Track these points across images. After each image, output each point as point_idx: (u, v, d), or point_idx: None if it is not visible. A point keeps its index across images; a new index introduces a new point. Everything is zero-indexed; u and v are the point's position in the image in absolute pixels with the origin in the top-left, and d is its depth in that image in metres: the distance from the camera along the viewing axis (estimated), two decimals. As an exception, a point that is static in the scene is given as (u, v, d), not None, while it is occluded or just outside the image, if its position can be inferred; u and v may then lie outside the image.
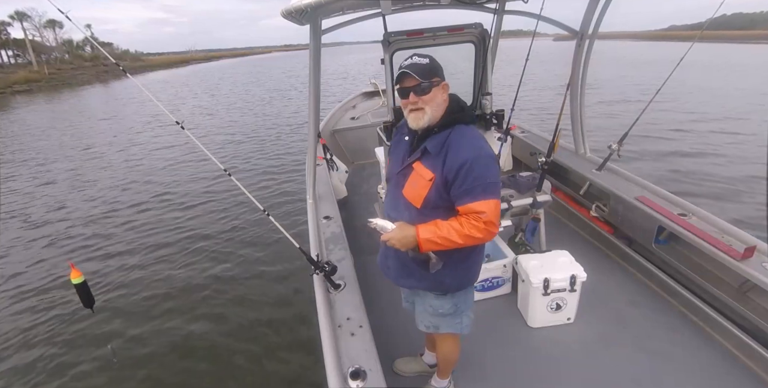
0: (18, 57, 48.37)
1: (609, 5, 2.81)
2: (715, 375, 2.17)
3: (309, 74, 2.60)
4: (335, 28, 2.80)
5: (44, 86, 34.60)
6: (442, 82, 1.52)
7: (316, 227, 2.73)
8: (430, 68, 1.49)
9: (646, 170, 6.65)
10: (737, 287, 2.34)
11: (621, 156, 3.21)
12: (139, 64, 56.66)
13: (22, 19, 48.63)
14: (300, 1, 1.86)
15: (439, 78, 1.51)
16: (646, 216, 2.79)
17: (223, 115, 15.79)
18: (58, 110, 21.24)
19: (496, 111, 3.46)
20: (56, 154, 10.93)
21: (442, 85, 1.51)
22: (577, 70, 3.22)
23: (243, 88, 26.37)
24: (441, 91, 1.52)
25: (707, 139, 8.94)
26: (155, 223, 6.19)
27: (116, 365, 3.40)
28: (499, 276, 2.78)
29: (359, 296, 2.06)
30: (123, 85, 34.94)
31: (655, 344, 2.37)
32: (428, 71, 1.47)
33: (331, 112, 5.88)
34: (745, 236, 2.37)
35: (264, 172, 8.32)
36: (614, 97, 14.18)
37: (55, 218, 6.67)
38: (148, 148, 11.04)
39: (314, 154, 3.06)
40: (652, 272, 2.84)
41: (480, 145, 1.50)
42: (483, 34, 3.22)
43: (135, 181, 8.25)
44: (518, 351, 2.40)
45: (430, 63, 1.50)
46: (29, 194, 7.93)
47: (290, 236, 2.09)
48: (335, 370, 1.59)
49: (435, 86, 1.49)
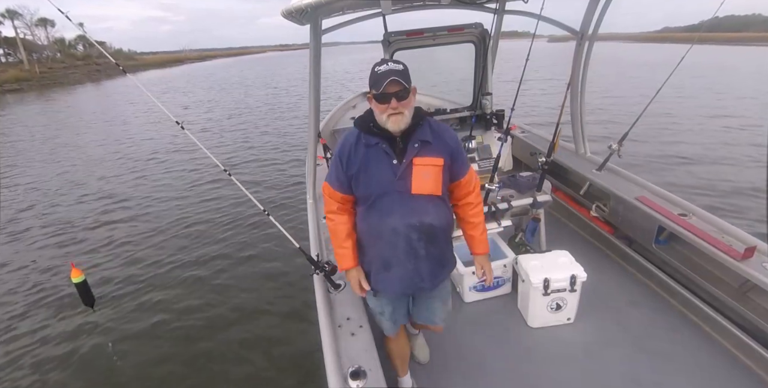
0: (9, 56, 47.76)
1: (609, 5, 2.82)
2: (715, 375, 2.17)
3: (309, 74, 2.59)
4: (335, 28, 2.79)
5: (35, 85, 34.21)
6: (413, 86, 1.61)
7: (317, 227, 2.71)
8: (408, 74, 1.55)
9: (647, 170, 6.69)
10: (737, 287, 2.35)
11: (621, 156, 3.23)
12: (132, 63, 56.15)
13: (13, 17, 48.09)
14: (300, 1, 1.85)
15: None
16: (646, 216, 2.79)
17: (222, 114, 15.75)
18: (49, 109, 21.03)
19: (496, 111, 3.46)
20: (45, 154, 10.83)
21: (413, 88, 1.59)
22: (577, 70, 3.23)
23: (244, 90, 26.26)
24: (413, 95, 1.60)
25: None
26: (154, 222, 6.13)
27: (116, 362, 3.39)
28: (500, 276, 2.78)
29: (359, 296, 2.04)
30: (115, 84, 34.69)
31: (655, 344, 2.38)
32: (407, 77, 1.54)
33: (332, 112, 5.87)
34: (745, 236, 2.38)
35: (264, 171, 8.29)
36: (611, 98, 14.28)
37: (52, 216, 6.60)
38: (146, 148, 10.95)
39: (314, 154, 3.04)
40: (652, 272, 2.85)
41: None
42: (483, 34, 3.23)
43: (131, 181, 8.17)
44: (518, 351, 2.40)
45: (406, 69, 1.56)
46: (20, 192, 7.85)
47: (290, 235, 2.08)
48: (335, 370, 1.59)
49: (411, 91, 1.57)
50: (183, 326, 3.83)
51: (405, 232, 1.64)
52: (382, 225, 1.66)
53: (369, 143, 1.63)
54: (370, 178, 1.63)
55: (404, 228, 1.63)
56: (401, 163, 1.60)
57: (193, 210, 6.54)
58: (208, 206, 6.64)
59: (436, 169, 1.62)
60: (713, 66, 24.57)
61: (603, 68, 23.35)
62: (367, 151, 1.63)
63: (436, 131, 1.66)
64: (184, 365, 3.36)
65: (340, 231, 1.76)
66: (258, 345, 3.51)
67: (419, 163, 1.61)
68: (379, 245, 1.71)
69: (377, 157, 1.62)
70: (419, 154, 1.61)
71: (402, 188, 1.61)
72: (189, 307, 4.10)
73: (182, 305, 4.15)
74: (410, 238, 1.65)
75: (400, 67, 1.53)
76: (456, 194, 1.79)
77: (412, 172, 1.61)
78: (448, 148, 1.66)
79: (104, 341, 3.66)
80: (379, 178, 1.62)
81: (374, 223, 1.68)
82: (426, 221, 1.64)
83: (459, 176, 1.74)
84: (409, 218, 1.63)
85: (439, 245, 1.75)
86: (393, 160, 1.61)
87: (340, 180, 1.68)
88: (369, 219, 1.69)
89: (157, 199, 7.17)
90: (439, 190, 1.65)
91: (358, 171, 1.64)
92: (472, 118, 3.29)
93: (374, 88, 1.54)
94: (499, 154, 2.76)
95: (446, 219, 1.74)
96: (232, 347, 3.50)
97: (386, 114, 1.55)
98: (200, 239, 5.52)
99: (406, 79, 1.53)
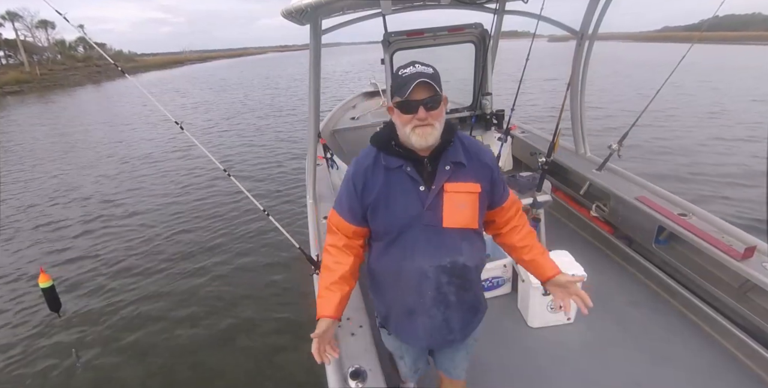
0: (9, 58, 47.84)
1: (609, 5, 2.82)
2: (715, 375, 2.17)
3: (309, 74, 2.59)
4: (335, 28, 2.80)
5: (35, 87, 34.27)
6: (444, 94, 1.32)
7: (316, 227, 2.71)
8: (439, 79, 1.28)
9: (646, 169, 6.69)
10: (737, 287, 2.35)
11: (621, 156, 3.23)
12: (132, 65, 56.25)
13: (13, 19, 48.17)
14: (300, 1, 1.86)
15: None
16: (646, 216, 2.79)
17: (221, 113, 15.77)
18: (48, 110, 21.06)
19: (496, 111, 3.47)
20: (45, 155, 10.84)
21: (444, 98, 1.30)
22: (577, 70, 3.23)
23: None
24: (445, 105, 1.33)
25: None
26: (154, 222, 6.13)
27: (79, 369, 3.34)
28: (500, 276, 2.78)
29: (359, 296, 2.04)
30: (115, 85, 34.73)
31: (655, 344, 2.38)
32: (439, 82, 1.27)
33: (332, 112, 5.88)
34: (745, 236, 2.38)
35: (263, 172, 8.30)
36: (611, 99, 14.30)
37: (45, 217, 6.60)
38: (145, 148, 10.96)
39: (314, 154, 3.04)
40: (652, 272, 2.85)
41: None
42: (483, 34, 3.23)
43: (130, 181, 8.18)
44: (518, 351, 2.40)
45: (437, 73, 1.28)
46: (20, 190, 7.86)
47: (290, 235, 2.08)
48: (335, 370, 1.59)
49: (442, 100, 1.29)
50: (180, 325, 3.82)
51: (434, 275, 1.37)
52: (406, 266, 1.37)
53: (390, 166, 1.34)
54: (392, 209, 1.34)
55: (433, 270, 1.36)
56: (430, 190, 1.32)
57: (193, 210, 6.55)
58: (207, 206, 6.64)
59: (473, 198, 1.35)
60: (721, 66, 24.53)
61: (603, 68, 23.36)
62: (387, 176, 1.35)
63: (471, 150, 1.38)
64: (176, 368, 3.34)
65: (334, 271, 1.42)
66: (256, 346, 3.50)
67: (452, 189, 1.33)
68: (400, 288, 1.44)
69: (400, 183, 1.34)
70: (452, 179, 1.33)
71: (431, 221, 1.33)
72: (186, 306, 4.10)
73: (179, 304, 4.14)
74: (440, 282, 1.38)
75: (431, 71, 1.25)
76: (498, 221, 1.52)
77: (443, 201, 1.33)
78: (486, 171, 1.39)
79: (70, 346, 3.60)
80: (403, 209, 1.34)
81: (396, 263, 1.39)
82: (459, 261, 1.37)
83: (500, 202, 1.47)
84: (440, 257, 1.36)
85: (472, 289, 1.48)
86: (420, 187, 1.32)
87: (353, 210, 1.39)
88: (389, 258, 1.40)
89: (157, 199, 7.18)
90: (475, 222, 1.38)
91: (377, 200, 1.35)
92: (472, 118, 3.30)
93: (398, 94, 1.26)
94: (499, 155, 2.76)
95: (480, 257, 1.48)
96: (229, 349, 3.50)
97: (411, 126, 1.26)
98: (201, 238, 5.52)
99: (438, 83, 1.25)
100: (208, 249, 5.21)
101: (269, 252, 5.02)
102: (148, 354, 3.48)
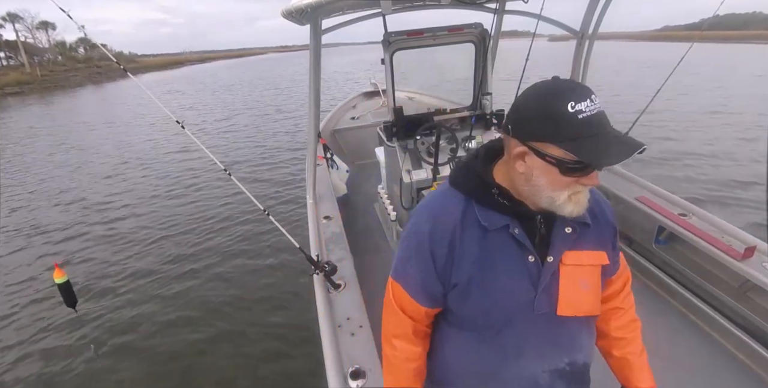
0: (10, 59, 47.91)
1: (609, 5, 2.82)
2: (715, 375, 2.17)
3: (309, 74, 2.60)
4: (335, 28, 2.80)
5: (36, 88, 34.31)
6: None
7: (316, 227, 2.71)
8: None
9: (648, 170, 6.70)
10: (737, 287, 2.34)
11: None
12: (133, 66, 56.33)
13: (14, 20, 48.26)
14: (300, 1, 1.86)
15: None
16: (646, 216, 2.79)
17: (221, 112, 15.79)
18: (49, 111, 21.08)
19: (496, 111, 3.46)
20: (45, 154, 10.85)
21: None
22: (578, 70, 3.23)
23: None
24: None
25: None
26: (153, 222, 6.14)
27: (99, 363, 3.38)
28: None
29: (359, 295, 2.04)
30: (116, 86, 34.77)
31: (655, 344, 2.36)
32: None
33: (332, 112, 5.88)
34: (745, 236, 2.37)
35: (264, 171, 8.30)
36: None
37: (46, 218, 6.61)
38: (145, 148, 10.97)
39: (314, 154, 3.04)
40: (652, 272, 2.85)
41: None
42: (483, 34, 3.22)
43: (130, 181, 8.19)
44: None
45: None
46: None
47: (290, 235, 2.08)
48: (335, 370, 1.58)
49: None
50: (177, 324, 3.82)
51: (548, 381, 0.99)
52: (508, 370, 0.98)
53: (493, 225, 0.90)
54: (491, 291, 0.92)
55: (547, 376, 0.99)
56: (544, 263, 0.92)
57: (193, 210, 6.55)
58: (208, 206, 6.65)
59: (596, 272, 0.98)
60: (720, 65, 24.53)
61: (603, 69, 23.34)
62: (486, 239, 0.91)
63: (593, 204, 0.96)
64: (175, 366, 3.35)
65: (405, 369, 1.06)
66: (255, 347, 3.50)
67: (572, 261, 0.94)
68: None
69: (503, 251, 0.91)
70: (574, 247, 0.94)
71: (544, 307, 0.93)
72: (184, 306, 4.10)
73: (177, 304, 4.14)
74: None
75: (602, 108, 0.81)
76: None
77: (560, 279, 0.93)
78: (609, 231, 1.02)
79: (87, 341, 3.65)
80: (508, 292, 0.92)
81: (489, 365, 1.00)
82: (579, 360, 1.01)
83: (611, 273, 1.08)
84: (556, 358, 0.99)
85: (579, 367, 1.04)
86: (529, 257, 0.91)
87: (428, 289, 0.98)
88: (479, 357, 1.00)
89: (157, 199, 7.18)
90: (599, 307, 1.01)
91: (471, 279, 0.92)
92: (472, 118, 3.29)
93: (565, 145, 0.77)
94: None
95: (594, 351, 1.11)
96: (228, 349, 3.49)
97: (569, 192, 0.83)
98: (201, 238, 5.52)
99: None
100: (209, 249, 5.22)
101: (269, 252, 5.02)
102: (145, 356, 3.49)
